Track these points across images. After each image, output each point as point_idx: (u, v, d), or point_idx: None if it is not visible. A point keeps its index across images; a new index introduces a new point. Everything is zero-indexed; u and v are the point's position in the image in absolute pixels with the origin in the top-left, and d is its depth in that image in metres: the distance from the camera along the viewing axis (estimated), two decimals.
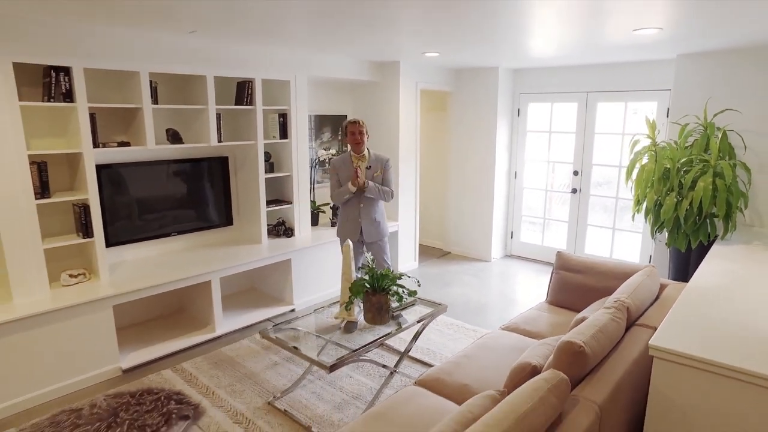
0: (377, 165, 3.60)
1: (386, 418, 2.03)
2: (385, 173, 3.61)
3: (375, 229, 3.64)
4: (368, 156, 3.59)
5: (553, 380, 1.65)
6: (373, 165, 3.59)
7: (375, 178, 3.58)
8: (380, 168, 3.60)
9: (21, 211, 2.90)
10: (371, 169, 3.58)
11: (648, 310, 2.58)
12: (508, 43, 3.64)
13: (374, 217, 3.63)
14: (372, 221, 3.62)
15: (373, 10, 2.57)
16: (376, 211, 3.64)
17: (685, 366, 1.84)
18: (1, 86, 2.72)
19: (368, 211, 3.60)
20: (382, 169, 3.60)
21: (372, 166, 3.59)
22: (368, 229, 3.61)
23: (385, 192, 3.59)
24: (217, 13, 2.65)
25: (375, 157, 3.62)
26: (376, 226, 3.64)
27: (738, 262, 2.98)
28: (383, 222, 3.70)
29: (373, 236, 3.64)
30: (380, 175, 3.60)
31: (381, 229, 3.68)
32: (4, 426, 2.66)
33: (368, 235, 3.62)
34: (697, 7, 2.47)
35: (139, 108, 3.36)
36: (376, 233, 3.65)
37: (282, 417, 2.72)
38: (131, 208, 3.63)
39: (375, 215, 3.63)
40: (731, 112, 3.91)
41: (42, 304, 2.88)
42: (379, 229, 3.66)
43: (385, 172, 3.61)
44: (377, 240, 3.67)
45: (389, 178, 3.62)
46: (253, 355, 3.44)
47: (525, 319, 3.05)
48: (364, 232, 3.62)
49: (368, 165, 3.58)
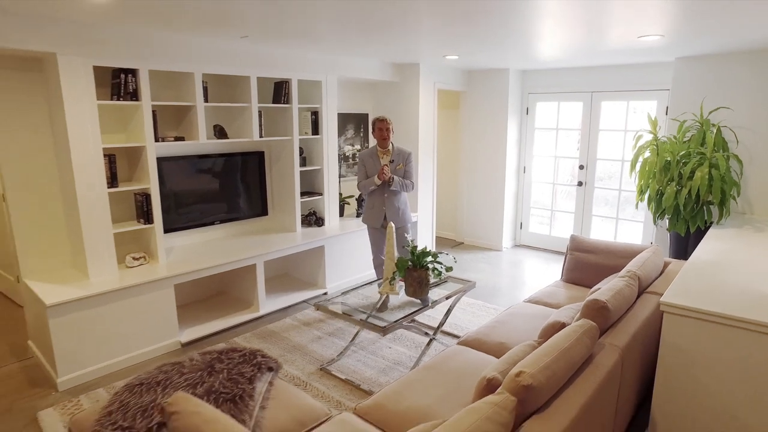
0: (399, 158, 3.90)
1: (438, 368, 2.40)
2: (406, 166, 3.91)
3: (398, 216, 3.95)
4: (392, 150, 3.91)
5: (585, 326, 2.03)
6: (396, 158, 3.90)
7: (397, 170, 3.88)
8: (402, 161, 3.90)
9: (97, 199, 3.24)
10: (394, 162, 3.88)
11: (654, 282, 2.98)
12: (519, 47, 4.02)
13: (397, 206, 3.94)
14: (396, 210, 3.93)
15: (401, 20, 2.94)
16: (399, 200, 3.94)
17: (689, 318, 2.23)
18: (84, 87, 3.07)
19: (392, 200, 3.92)
20: (404, 162, 3.90)
21: (395, 160, 3.89)
22: (392, 216, 3.93)
23: (406, 185, 3.91)
24: (264, 21, 2.99)
25: (398, 150, 3.92)
26: (400, 214, 3.95)
27: (731, 242, 3.38)
28: (406, 210, 4.01)
29: (396, 222, 3.95)
30: (402, 168, 3.89)
31: (403, 217, 3.98)
32: (92, 386, 3.02)
33: (396, 220, 3.94)
34: (695, 17, 2.86)
35: (192, 105, 3.70)
36: (398, 220, 3.96)
37: (335, 380, 3.08)
38: (181, 197, 3.98)
39: (398, 204, 3.94)
40: (724, 109, 4.32)
41: (114, 283, 3.23)
42: (401, 217, 3.96)
43: (406, 164, 3.91)
44: (400, 226, 3.99)
45: (410, 171, 3.92)
46: (296, 331, 3.80)
47: (545, 293, 3.43)
48: (388, 219, 3.94)
49: (391, 158, 3.90)
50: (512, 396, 1.56)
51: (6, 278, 4.40)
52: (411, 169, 3.93)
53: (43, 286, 3.13)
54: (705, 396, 2.26)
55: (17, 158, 3.20)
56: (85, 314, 3.04)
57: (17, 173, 3.21)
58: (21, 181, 3.23)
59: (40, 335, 3.19)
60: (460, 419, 1.42)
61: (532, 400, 1.61)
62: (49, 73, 3.11)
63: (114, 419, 1.89)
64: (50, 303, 2.87)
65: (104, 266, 3.33)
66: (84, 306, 3.03)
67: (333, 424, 1.98)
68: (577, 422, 1.66)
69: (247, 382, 2.16)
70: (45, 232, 3.38)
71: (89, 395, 2.91)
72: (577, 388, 1.79)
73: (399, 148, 3.93)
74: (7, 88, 3.11)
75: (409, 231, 4.09)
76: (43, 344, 3.15)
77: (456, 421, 1.40)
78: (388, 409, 2.07)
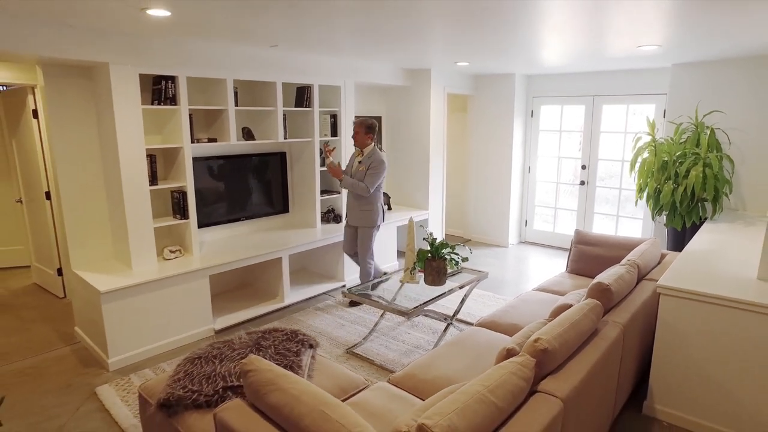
0: (366, 162, 3.99)
1: (461, 344, 2.69)
2: (368, 169, 3.97)
3: (354, 216, 4.12)
4: (366, 153, 4.02)
5: (591, 304, 2.31)
6: (364, 161, 4.01)
7: (359, 172, 4.01)
8: (367, 165, 3.98)
9: (140, 196, 3.53)
10: (361, 163, 4.02)
11: (653, 270, 3.27)
12: (525, 54, 4.31)
13: (357, 207, 4.09)
14: (355, 209, 4.10)
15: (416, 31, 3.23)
16: (360, 202, 4.07)
17: (683, 299, 2.52)
18: (132, 93, 3.36)
19: (351, 200, 4.13)
20: (367, 166, 3.98)
21: (362, 162, 4.02)
22: (350, 214, 4.15)
23: (355, 185, 3.96)
24: (290, 32, 3.27)
25: (370, 155, 4.00)
26: (356, 215, 4.10)
27: (723, 235, 3.67)
28: (367, 213, 4.08)
29: (355, 221, 4.13)
30: (364, 170, 3.99)
31: (360, 217, 4.09)
32: (139, 366, 3.30)
33: (351, 219, 4.16)
34: (690, 30, 3.15)
35: (224, 109, 3.99)
36: (354, 219, 4.12)
37: (361, 360, 3.37)
38: (212, 195, 4.26)
39: (358, 205, 4.08)
40: (717, 113, 4.61)
41: (155, 273, 3.51)
42: (357, 217, 4.10)
43: (368, 168, 3.97)
44: (358, 225, 4.13)
45: (369, 175, 3.96)
46: (320, 319, 4.08)
47: (551, 282, 3.72)
48: (348, 216, 4.19)
49: (360, 160, 4.04)
50: (531, 357, 1.85)
51: (45, 271, 4.69)
52: (370, 175, 3.97)
53: (92, 275, 3.41)
54: (697, 368, 2.55)
55: (69, 158, 3.49)
56: (132, 301, 3.33)
57: (69, 171, 3.50)
58: (71, 178, 3.52)
59: (89, 321, 3.48)
60: (489, 374, 1.70)
61: (548, 363, 1.90)
62: (100, 80, 3.40)
63: (183, 384, 2.18)
64: (104, 290, 3.15)
65: (145, 258, 3.62)
66: (131, 293, 3.31)
67: (371, 390, 2.26)
68: (586, 383, 1.95)
69: (294, 355, 2.44)
70: (90, 226, 3.67)
71: (138, 374, 3.19)
72: (585, 355, 2.08)
73: (373, 154, 4.00)
74: (60, 93, 3.39)
75: (369, 235, 4.13)
76: (93, 329, 3.43)
77: (486, 376, 1.69)
78: (419, 378, 2.35)
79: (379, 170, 3.97)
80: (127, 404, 2.86)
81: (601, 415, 2.27)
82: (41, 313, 4.19)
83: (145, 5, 2.50)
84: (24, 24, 2.82)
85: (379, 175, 3.99)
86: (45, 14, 2.69)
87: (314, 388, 1.63)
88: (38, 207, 4.53)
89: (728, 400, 2.48)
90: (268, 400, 1.63)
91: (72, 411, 2.80)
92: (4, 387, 3.06)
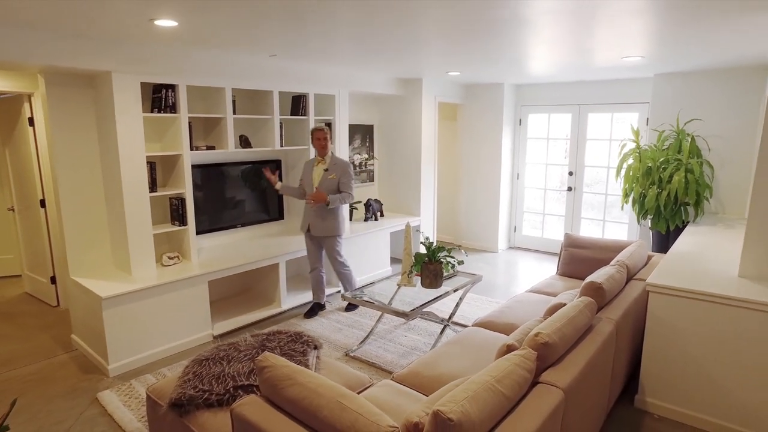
0: (335, 169, 3.93)
1: (460, 344, 2.78)
2: (342, 177, 3.91)
3: (320, 226, 3.97)
4: (329, 160, 3.98)
5: (585, 301, 2.43)
6: (331, 168, 3.94)
7: (330, 180, 3.91)
8: (338, 173, 3.91)
9: (140, 203, 3.56)
10: (328, 171, 3.93)
11: (640, 271, 3.41)
12: (514, 65, 4.47)
13: (323, 215, 3.96)
14: (321, 218, 3.96)
15: (410, 42, 3.36)
16: (326, 210, 3.95)
17: (671, 296, 2.65)
18: (133, 101, 3.41)
19: (317, 209, 3.95)
20: (340, 174, 3.91)
21: (329, 169, 3.94)
22: (315, 225, 3.98)
23: (344, 198, 3.91)
24: (291, 41, 3.37)
25: (335, 161, 3.96)
26: (323, 223, 3.96)
27: (705, 237, 3.84)
28: (334, 221, 3.98)
29: (318, 232, 3.99)
30: (336, 178, 3.91)
31: (327, 226, 3.97)
32: (140, 372, 3.32)
33: (315, 230, 3.99)
34: (669, 43, 3.33)
35: (222, 117, 4.06)
36: (320, 229, 3.97)
37: (360, 363, 3.44)
38: (210, 202, 4.31)
39: (324, 213, 3.95)
40: (697, 121, 4.82)
41: (155, 279, 3.54)
42: (324, 226, 3.97)
43: (342, 176, 3.91)
44: (323, 235, 4.00)
45: (347, 182, 3.92)
46: (317, 324, 4.14)
47: (544, 284, 3.84)
48: (311, 228, 4.00)
49: (326, 168, 3.96)
50: (533, 350, 1.95)
51: (38, 280, 4.66)
52: (348, 181, 3.94)
53: (92, 282, 3.43)
54: (685, 361, 2.68)
55: (69, 165, 3.51)
56: (132, 307, 3.35)
57: (69, 178, 3.53)
58: (71, 185, 3.54)
59: (87, 328, 3.48)
60: (495, 366, 1.80)
61: (548, 356, 2.00)
62: (102, 88, 3.44)
63: (194, 384, 2.22)
64: (105, 296, 3.17)
65: (145, 264, 3.64)
66: (132, 299, 3.34)
67: (377, 387, 2.33)
68: (584, 374, 2.06)
69: (301, 355, 2.51)
70: (89, 233, 3.68)
71: (139, 379, 3.21)
72: (582, 349, 2.18)
73: (337, 159, 3.99)
74: (62, 101, 3.43)
75: (338, 244, 4.07)
76: (92, 336, 3.44)
77: (493, 367, 1.78)
78: (423, 375, 2.43)
79: (352, 173, 3.99)
80: (130, 408, 2.87)
81: (597, 407, 2.38)
82: (36, 322, 4.16)
83: (153, 16, 2.58)
84: (30, 34, 2.87)
85: (353, 177, 4.00)
86: (53, 25, 2.74)
87: (330, 382, 1.70)
88: (32, 215, 4.52)
89: (714, 390, 2.61)
90: (286, 393, 1.69)
91: (76, 416, 2.81)
92: (10, 392, 3.05)
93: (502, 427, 1.60)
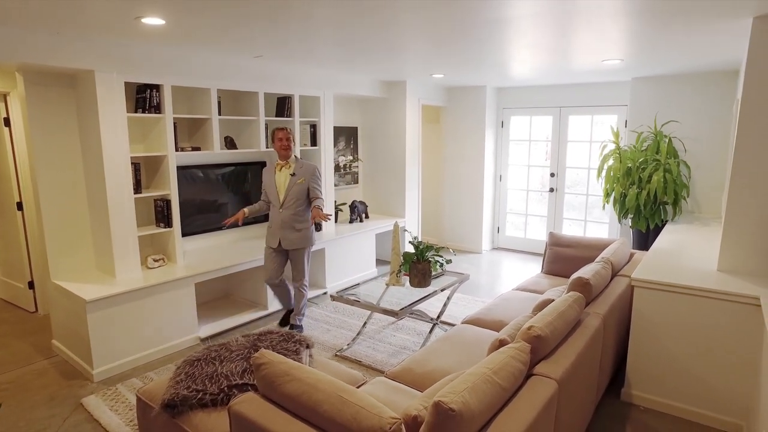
0: (303, 173, 3.65)
1: (450, 341, 2.80)
2: (313, 182, 3.66)
3: (294, 239, 3.69)
4: (294, 164, 3.69)
5: (574, 296, 2.48)
6: (298, 173, 3.65)
7: (299, 185, 3.63)
8: (306, 177, 3.65)
9: (124, 204, 3.50)
10: (296, 176, 3.64)
11: (624, 267, 3.49)
12: (496, 68, 4.55)
13: (297, 228, 3.68)
14: (293, 232, 3.68)
15: (396, 43, 3.40)
16: (298, 222, 3.67)
17: (655, 290, 2.73)
18: (117, 101, 3.35)
19: (290, 222, 3.64)
20: (309, 179, 3.65)
21: (296, 174, 3.65)
22: (287, 239, 3.68)
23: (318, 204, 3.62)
24: (276, 41, 3.37)
25: (301, 165, 3.67)
26: (298, 236, 3.69)
27: (683, 234, 3.97)
28: (307, 232, 3.72)
29: (293, 245, 3.70)
30: (304, 183, 3.64)
31: (302, 238, 3.71)
32: (125, 377, 3.25)
33: (285, 243, 3.69)
34: (646, 47, 3.44)
35: (208, 118, 4.02)
36: (296, 242, 3.70)
37: (351, 363, 3.43)
38: (195, 204, 4.25)
39: (297, 226, 3.68)
40: (674, 122, 4.98)
41: (140, 281, 3.47)
42: (299, 239, 3.70)
43: (312, 181, 3.66)
44: (297, 248, 3.72)
45: (317, 187, 3.68)
46: (305, 324, 4.11)
47: (530, 282, 3.91)
48: (282, 242, 3.68)
49: (293, 172, 3.66)
50: (527, 343, 1.98)
51: (14, 285, 4.52)
52: (318, 185, 3.71)
53: (75, 285, 3.34)
54: (668, 353, 2.76)
55: (50, 166, 3.43)
56: (117, 310, 3.28)
57: (49, 180, 3.44)
58: (52, 187, 3.46)
59: (70, 333, 3.39)
60: (491, 358, 1.82)
61: (541, 349, 2.03)
62: (84, 88, 3.38)
63: (187, 384, 2.19)
64: (90, 299, 3.10)
65: (129, 267, 3.57)
66: (116, 302, 3.27)
67: (371, 384, 2.34)
68: (575, 366, 2.10)
69: (294, 354, 2.49)
70: (71, 235, 3.60)
71: (125, 384, 3.14)
72: (573, 342, 2.23)
73: (303, 162, 3.71)
74: (41, 101, 3.35)
75: (308, 256, 3.80)
76: (75, 341, 3.35)
77: (489, 360, 1.81)
78: (416, 371, 2.45)
79: (320, 177, 3.75)
80: (117, 413, 2.81)
81: (587, 399, 2.43)
82: (13, 328, 4.03)
83: (140, 14, 2.55)
84: (8, 31, 2.80)
85: (321, 180, 3.78)
86: (33, 21, 2.68)
87: (329, 377, 1.70)
88: (8, 219, 4.39)
89: (695, 380, 2.70)
90: (285, 389, 1.69)
91: (59, 423, 2.73)
92: None
93: (500, 417, 1.63)
